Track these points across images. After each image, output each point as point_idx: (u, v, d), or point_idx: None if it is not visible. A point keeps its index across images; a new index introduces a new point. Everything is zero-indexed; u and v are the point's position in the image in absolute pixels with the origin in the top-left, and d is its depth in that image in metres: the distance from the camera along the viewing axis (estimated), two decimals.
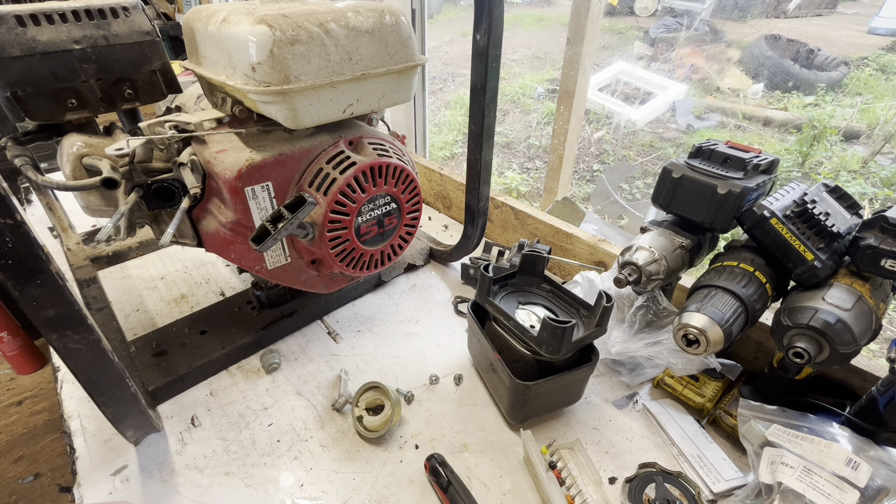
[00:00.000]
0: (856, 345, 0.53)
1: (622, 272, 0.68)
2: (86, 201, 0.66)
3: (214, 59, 0.63)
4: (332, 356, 0.83)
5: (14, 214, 0.40)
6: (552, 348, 0.60)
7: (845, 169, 2.41)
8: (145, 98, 0.72)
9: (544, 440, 0.69)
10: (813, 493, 0.51)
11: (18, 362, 1.21)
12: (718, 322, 0.57)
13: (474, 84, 0.76)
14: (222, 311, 0.87)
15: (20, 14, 0.59)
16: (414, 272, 1.05)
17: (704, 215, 0.65)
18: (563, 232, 0.97)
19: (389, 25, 0.62)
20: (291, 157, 0.64)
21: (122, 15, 0.67)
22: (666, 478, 0.62)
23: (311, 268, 0.74)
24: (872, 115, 2.72)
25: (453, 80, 4.14)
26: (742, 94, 3.20)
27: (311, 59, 0.57)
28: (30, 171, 0.60)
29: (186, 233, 0.69)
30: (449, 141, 3.30)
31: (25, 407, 1.39)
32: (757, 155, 0.65)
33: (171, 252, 1.09)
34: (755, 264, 0.62)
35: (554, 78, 3.75)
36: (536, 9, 5.93)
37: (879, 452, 0.54)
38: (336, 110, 0.63)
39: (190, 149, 0.65)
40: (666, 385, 0.75)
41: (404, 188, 0.72)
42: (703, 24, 3.81)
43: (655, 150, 2.93)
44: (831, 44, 3.65)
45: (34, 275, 0.43)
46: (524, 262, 0.75)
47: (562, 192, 1.75)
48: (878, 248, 0.54)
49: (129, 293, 0.96)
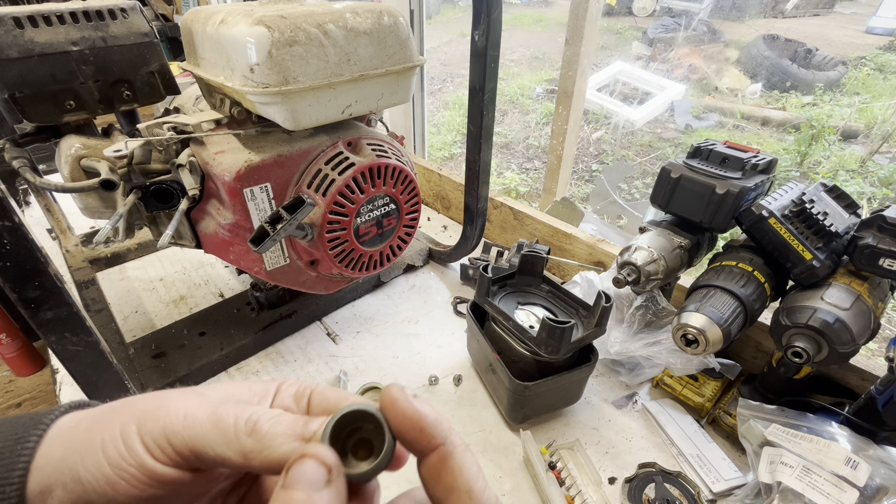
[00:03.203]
0: (854, 344, 0.53)
1: (621, 272, 0.68)
2: (84, 203, 0.66)
3: (213, 60, 0.63)
4: (331, 357, 0.83)
5: (12, 216, 0.40)
6: (551, 348, 0.60)
7: (843, 168, 2.42)
8: (143, 99, 0.72)
9: (544, 440, 0.69)
10: (812, 493, 0.51)
11: (17, 364, 1.21)
12: (717, 322, 0.57)
13: (473, 84, 0.76)
14: (221, 312, 0.87)
15: (18, 16, 0.59)
16: (413, 273, 1.05)
17: (703, 215, 0.65)
18: (561, 232, 0.97)
19: (388, 26, 0.62)
20: (290, 158, 0.64)
21: (120, 16, 0.67)
22: (665, 478, 0.62)
23: (310, 269, 0.74)
24: (870, 115, 2.72)
25: (452, 81, 4.14)
26: (740, 93, 3.21)
27: (309, 60, 0.57)
28: (28, 173, 0.60)
29: (185, 234, 0.69)
30: (448, 141, 3.30)
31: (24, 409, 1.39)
32: (755, 155, 0.65)
33: (170, 253, 1.09)
34: (754, 264, 0.62)
35: (552, 78, 3.75)
36: (535, 9, 5.94)
37: (878, 451, 0.54)
38: (334, 111, 0.63)
39: (188, 150, 0.65)
40: (665, 385, 0.75)
41: (403, 189, 0.72)
42: (701, 24, 3.81)
43: (654, 150, 2.93)
44: (829, 43, 3.66)
45: (33, 277, 0.43)
46: (523, 263, 0.75)
47: (561, 193, 1.75)
48: (876, 248, 0.54)
49: (128, 295, 0.96)
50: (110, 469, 0.18)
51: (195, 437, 0.18)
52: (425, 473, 0.19)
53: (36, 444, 0.19)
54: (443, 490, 0.19)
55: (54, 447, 0.19)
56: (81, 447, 0.18)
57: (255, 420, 0.19)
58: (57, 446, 0.19)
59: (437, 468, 0.19)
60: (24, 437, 0.19)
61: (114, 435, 0.18)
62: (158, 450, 0.18)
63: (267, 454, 0.18)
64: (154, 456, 0.18)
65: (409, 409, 0.19)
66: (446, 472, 0.19)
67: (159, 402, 0.20)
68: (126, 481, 0.18)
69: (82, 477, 0.18)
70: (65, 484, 0.18)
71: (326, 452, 0.18)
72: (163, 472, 0.18)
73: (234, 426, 0.19)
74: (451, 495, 0.18)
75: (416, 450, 0.19)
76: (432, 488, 0.19)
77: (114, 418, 0.19)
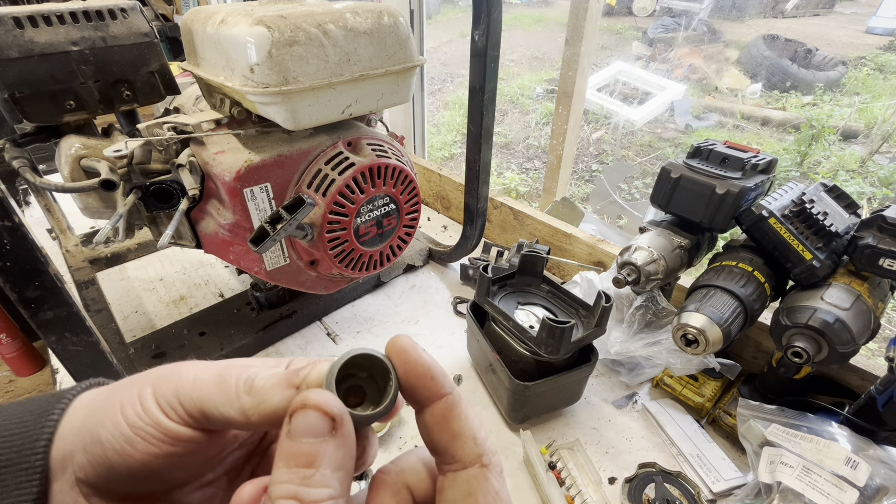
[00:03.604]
0: (854, 344, 0.53)
1: (621, 272, 0.68)
2: (84, 203, 0.66)
3: (213, 60, 0.63)
4: (331, 357, 0.83)
5: (12, 216, 0.40)
6: (551, 348, 0.60)
7: (843, 168, 2.42)
8: (143, 99, 0.72)
9: (544, 440, 0.69)
10: (812, 493, 0.51)
11: (17, 364, 1.21)
12: (717, 322, 0.57)
13: (473, 84, 0.76)
14: (221, 312, 0.87)
15: (18, 16, 0.59)
16: (413, 273, 1.05)
17: (703, 215, 0.65)
18: (561, 232, 0.97)
19: (388, 26, 0.62)
20: (290, 158, 0.64)
21: (120, 16, 0.67)
22: (665, 478, 0.62)
23: (310, 269, 0.74)
24: (870, 115, 2.72)
25: (452, 81, 4.14)
26: (740, 93, 3.21)
27: (309, 60, 0.57)
28: (28, 173, 0.60)
29: (185, 234, 0.69)
30: (448, 141, 3.30)
31: None
32: (755, 155, 0.65)
33: (170, 253, 1.09)
34: (754, 264, 0.62)
35: (552, 78, 3.75)
36: (535, 9, 5.94)
37: (878, 451, 0.54)
38: (334, 111, 0.63)
39: (188, 150, 0.65)
40: (665, 385, 0.75)
41: (403, 189, 0.72)
42: (701, 24, 3.81)
43: (654, 150, 2.93)
44: (829, 43, 3.66)
45: (33, 277, 0.43)
46: (523, 263, 0.75)
47: (561, 193, 1.75)
48: (876, 248, 0.54)
49: (128, 295, 0.96)
50: (129, 428, 0.19)
51: (203, 398, 0.19)
52: (431, 421, 0.19)
53: (60, 415, 0.20)
54: (449, 436, 0.19)
55: (76, 417, 0.20)
56: (100, 412, 0.19)
57: (253, 377, 0.19)
58: (78, 416, 0.20)
59: (445, 415, 0.19)
60: (49, 411, 0.20)
61: (132, 398, 0.19)
62: (171, 410, 0.19)
63: (263, 408, 0.18)
64: (168, 416, 0.19)
65: (421, 357, 0.20)
66: (453, 418, 0.19)
67: (173, 368, 0.21)
68: (143, 439, 0.19)
69: (102, 438, 0.19)
70: (84, 447, 0.19)
71: (330, 398, 0.17)
72: (177, 430, 0.19)
73: (235, 386, 0.19)
74: (458, 440, 0.19)
75: (421, 398, 0.20)
76: (438, 435, 0.19)
77: (131, 385, 0.20)
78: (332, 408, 0.17)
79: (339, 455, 0.17)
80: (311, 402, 0.17)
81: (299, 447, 0.17)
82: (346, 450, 0.17)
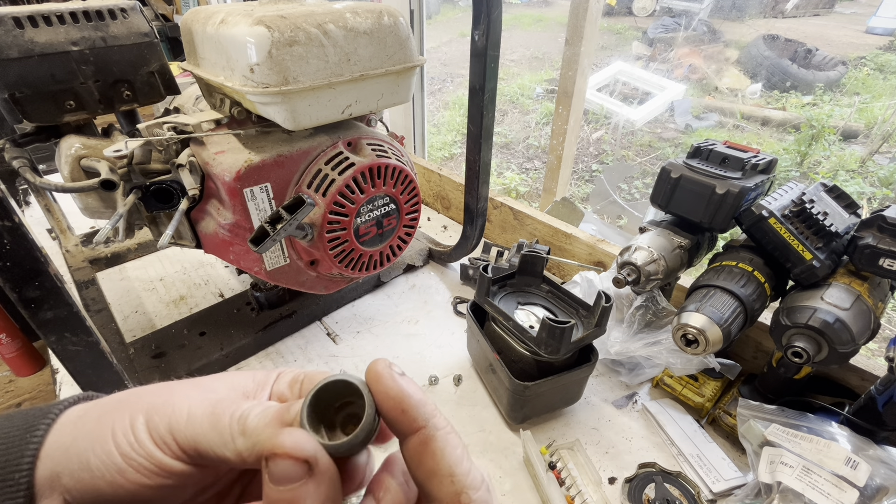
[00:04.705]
0: (854, 344, 0.53)
1: (621, 272, 0.68)
2: (84, 203, 0.66)
3: (213, 60, 0.63)
4: (331, 357, 0.83)
5: (12, 216, 0.40)
6: (551, 348, 0.60)
7: (843, 168, 2.42)
8: (143, 99, 0.72)
9: (544, 440, 0.69)
10: (812, 493, 0.51)
11: (17, 364, 1.21)
12: (717, 322, 0.57)
13: (473, 84, 0.76)
14: (221, 312, 0.87)
15: (18, 16, 0.59)
16: (413, 273, 1.05)
17: (703, 215, 0.65)
18: (561, 232, 0.97)
19: (388, 26, 0.62)
20: (290, 158, 0.64)
21: (120, 16, 0.67)
22: (665, 478, 0.62)
23: (310, 269, 0.74)
24: (870, 115, 2.72)
25: (452, 81, 4.14)
26: (740, 93, 3.21)
27: (309, 60, 0.57)
28: (28, 173, 0.60)
29: (185, 234, 0.69)
30: (448, 141, 3.30)
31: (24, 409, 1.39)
32: (755, 155, 0.65)
33: (170, 253, 1.09)
34: (754, 264, 0.62)
35: (552, 78, 3.75)
36: (535, 9, 5.94)
37: (878, 451, 0.54)
38: (334, 111, 0.63)
39: (188, 150, 0.65)
40: (665, 385, 0.75)
41: (403, 189, 0.72)
42: (701, 24, 3.81)
43: (654, 150, 2.93)
44: (829, 43, 3.66)
45: (32, 277, 0.43)
46: (523, 263, 0.75)
47: (561, 193, 1.75)
48: (876, 248, 0.54)
49: (128, 295, 0.96)
50: (121, 458, 0.18)
51: (197, 437, 0.19)
52: (406, 456, 0.19)
53: (45, 432, 0.19)
54: (424, 473, 0.18)
55: (63, 435, 0.19)
56: (91, 436, 0.19)
57: (246, 416, 0.19)
58: (66, 434, 0.19)
59: (419, 451, 0.18)
60: (35, 426, 0.19)
61: (124, 426, 0.19)
62: (165, 445, 0.19)
63: (258, 449, 0.18)
64: (161, 450, 0.19)
65: (393, 387, 0.19)
66: (427, 455, 0.18)
67: (166, 396, 0.20)
68: (136, 470, 0.18)
69: (92, 464, 0.18)
70: (71, 471, 0.18)
71: (301, 440, 0.17)
72: (171, 465, 0.19)
73: (230, 426, 0.19)
74: (433, 478, 0.18)
75: (398, 431, 0.19)
76: (413, 471, 0.19)
77: (123, 409, 0.19)
78: (304, 451, 0.17)
79: (322, 491, 0.17)
80: (281, 450, 0.17)
81: (280, 494, 0.16)
82: (328, 485, 0.17)
